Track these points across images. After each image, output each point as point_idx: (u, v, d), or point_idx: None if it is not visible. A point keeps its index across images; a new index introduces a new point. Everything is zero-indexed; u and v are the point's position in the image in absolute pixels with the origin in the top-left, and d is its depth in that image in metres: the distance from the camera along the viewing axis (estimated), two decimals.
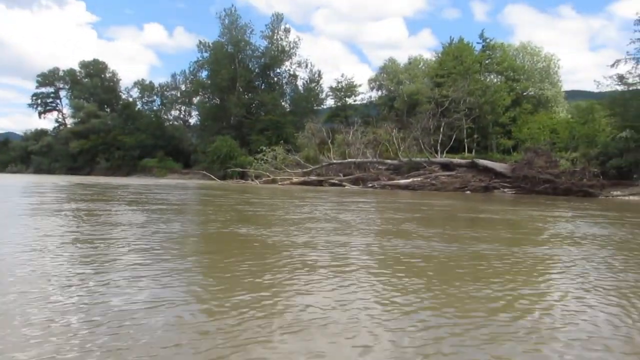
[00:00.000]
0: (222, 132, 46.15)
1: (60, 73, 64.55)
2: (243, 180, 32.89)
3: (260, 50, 52.42)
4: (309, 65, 53.73)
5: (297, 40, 53.15)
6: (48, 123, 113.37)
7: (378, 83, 44.53)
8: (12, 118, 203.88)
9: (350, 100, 49.83)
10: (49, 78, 64.45)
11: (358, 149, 30.43)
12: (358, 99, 49.71)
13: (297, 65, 53.53)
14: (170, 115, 61.84)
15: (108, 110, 61.05)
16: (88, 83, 61.51)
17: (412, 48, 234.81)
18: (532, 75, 36.05)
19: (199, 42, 52.56)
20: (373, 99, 46.35)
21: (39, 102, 65.38)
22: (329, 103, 52.38)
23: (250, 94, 51.22)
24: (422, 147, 29.41)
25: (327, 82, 76.37)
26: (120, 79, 64.59)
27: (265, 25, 52.51)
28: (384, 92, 43.60)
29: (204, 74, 54.13)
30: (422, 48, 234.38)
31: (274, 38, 52.09)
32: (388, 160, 28.54)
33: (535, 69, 36.51)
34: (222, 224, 6.22)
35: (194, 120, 60.29)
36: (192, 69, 54.96)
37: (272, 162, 33.10)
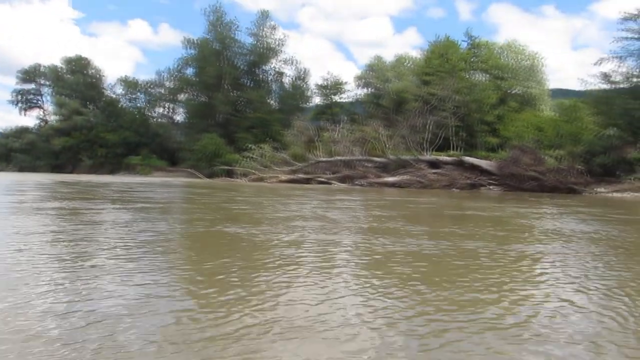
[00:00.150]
0: (208, 129, 45.82)
1: (42, 69, 63.43)
2: (230, 178, 32.68)
3: (247, 48, 52.09)
4: (296, 63, 53.65)
5: (283, 38, 52.97)
6: (29, 120, 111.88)
7: (365, 81, 44.51)
8: None
9: (337, 98, 49.83)
10: (30, 74, 63.25)
11: (345, 147, 30.37)
12: (345, 97, 49.76)
13: (283, 63, 53.38)
14: (155, 113, 61.24)
15: (91, 107, 60.08)
16: (71, 79, 60.44)
17: (398, 46, 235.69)
18: (517, 74, 36.34)
19: (185, 39, 52.09)
20: (360, 97, 46.40)
21: (20, 98, 64.17)
22: (316, 101, 52.36)
23: (237, 92, 50.85)
24: (409, 145, 29.44)
25: (313, 80, 76.21)
26: (105, 76, 63.54)
27: (251, 22, 52.29)
28: (371, 89, 43.60)
29: (190, 71, 53.72)
30: (408, 46, 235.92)
31: (260, 35, 51.78)
32: (375, 158, 28.53)
33: (521, 68, 36.82)
34: (209, 223, 6.12)
35: (180, 118, 59.84)
36: (177, 66, 54.45)
37: (259, 159, 32.92)
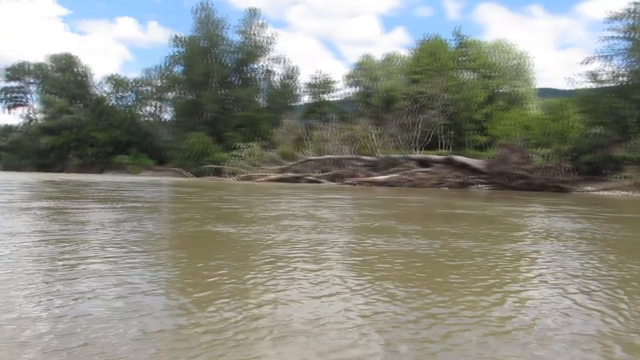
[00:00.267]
0: (196, 128, 45.46)
1: (29, 67, 62.53)
2: (218, 177, 32.53)
3: (235, 46, 51.68)
4: (285, 62, 53.40)
5: (272, 36, 52.61)
6: (14, 118, 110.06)
7: (354, 79, 44.49)
8: None
9: (327, 97, 49.78)
10: (16, 72, 62.26)
11: (335, 146, 30.38)
12: (334, 96, 49.70)
13: (272, 61, 53.02)
14: (144, 111, 60.70)
15: (80, 106, 59.35)
16: (59, 77, 59.61)
17: (386, 45, 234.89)
18: (505, 73, 36.60)
19: (174, 36, 51.51)
20: (349, 96, 46.38)
21: (7, 96, 63.22)
22: (305, 99, 52.19)
23: (226, 90, 50.45)
24: (399, 143, 29.52)
25: (303, 78, 75.99)
26: (93, 74, 62.75)
27: (240, 20, 51.91)
28: (360, 88, 43.60)
29: (178, 69, 53.19)
30: (396, 45, 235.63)
31: (249, 33, 51.42)
32: (365, 157, 28.58)
33: (508, 67, 37.06)
34: (198, 222, 6.07)
35: (168, 116, 59.36)
36: (166, 64, 53.93)
37: (248, 158, 32.80)
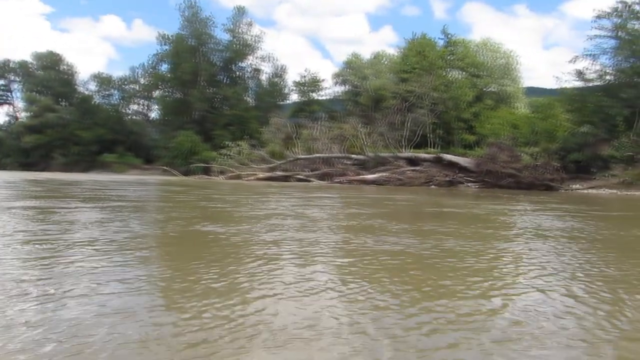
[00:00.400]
0: (184, 126, 45.15)
1: (12, 65, 61.53)
2: (207, 176, 32.30)
3: (223, 44, 51.39)
4: (273, 60, 53.24)
5: (260, 35, 52.42)
6: None
7: (342, 78, 44.48)
8: None
9: (315, 95, 49.73)
10: (1, 70, 61.27)
11: (324, 144, 30.33)
12: (323, 94, 49.66)
13: (260, 60, 52.89)
14: (130, 110, 60.09)
15: (65, 104, 58.57)
16: (42, 75, 58.73)
17: (374, 44, 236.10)
18: (493, 72, 36.83)
19: (159, 34, 51.00)
20: (338, 94, 46.36)
21: None
22: (294, 98, 52.10)
23: (213, 88, 50.14)
24: (387, 142, 29.54)
25: (291, 77, 75.87)
26: (78, 72, 61.91)
27: (227, 19, 51.60)
28: (349, 87, 43.59)
29: (164, 67, 52.80)
30: (383, 44, 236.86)
31: (237, 32, 51.16)
32: (354, 156, 28.57)
33: (496, 66, 37.31)
34: (186, 222, 5.93)
35: (155, 115, 58.86)
36: (152, 62, 53.46)
37: (236, 157, 32.63)
